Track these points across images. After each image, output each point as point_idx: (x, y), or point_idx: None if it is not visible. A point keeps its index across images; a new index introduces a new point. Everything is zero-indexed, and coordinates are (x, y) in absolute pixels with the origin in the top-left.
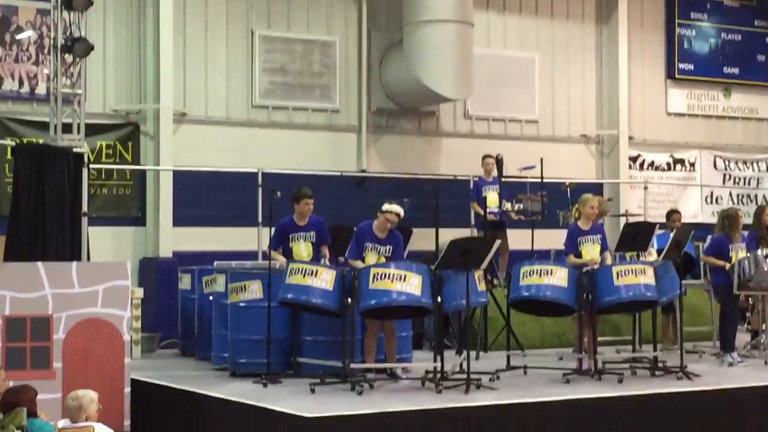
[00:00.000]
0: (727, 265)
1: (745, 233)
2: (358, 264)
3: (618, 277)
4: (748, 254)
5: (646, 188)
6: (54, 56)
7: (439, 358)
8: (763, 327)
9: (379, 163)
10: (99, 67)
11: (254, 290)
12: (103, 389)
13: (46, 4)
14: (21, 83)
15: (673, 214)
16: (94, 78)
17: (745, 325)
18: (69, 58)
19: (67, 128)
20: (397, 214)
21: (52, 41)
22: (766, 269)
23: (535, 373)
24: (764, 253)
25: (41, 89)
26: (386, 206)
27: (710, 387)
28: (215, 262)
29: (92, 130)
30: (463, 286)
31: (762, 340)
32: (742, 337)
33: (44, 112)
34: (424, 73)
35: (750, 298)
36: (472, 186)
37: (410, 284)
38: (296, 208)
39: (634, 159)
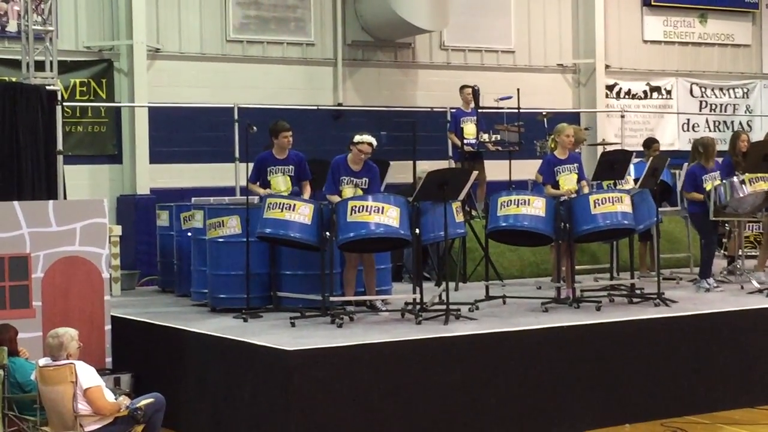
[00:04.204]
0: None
1: (719, 160)
2: (335, 199)
3: (595, 206)
4: (724, 181)
5: (622, 117)
6: None
7: (418, 289)
8: (739, 252)
9: (355, 96)
10: (70, 3)
11: (232, 225)
12: (83, 327)
13: None
14: None
15: (652, 143)
16: (66, 14)
17: (722, 251)
18: None
19: (39, 66)
20: (370, 144)
21: None
22: (741, 195)
23: (513, 302)
24: (740, 179)
25: (12, 26)
26: (358, 137)
27: (687, 312)
28: (193, 199)
29: (65, 67)
30: (441, 217)
31: (738, 266)
32: (719, 263)
33: (16, 49)
34: (399, 5)
35: (726, 224)
36: (449, 117)
37: (388, 216)
38: (275, 143)
39: (610, 88)
